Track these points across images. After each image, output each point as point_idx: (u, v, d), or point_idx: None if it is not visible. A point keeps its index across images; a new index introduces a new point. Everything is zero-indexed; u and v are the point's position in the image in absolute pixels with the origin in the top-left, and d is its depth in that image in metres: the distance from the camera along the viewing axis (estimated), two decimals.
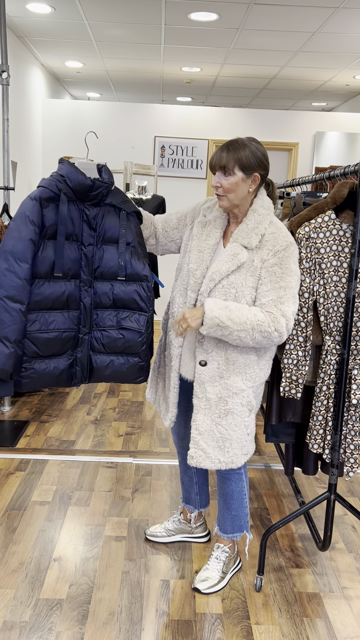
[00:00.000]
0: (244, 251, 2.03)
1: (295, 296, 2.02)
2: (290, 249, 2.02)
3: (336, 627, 2.12)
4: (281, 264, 2.00)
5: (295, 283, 2.02)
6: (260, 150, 2.05)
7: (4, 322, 1.99)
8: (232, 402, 2.08)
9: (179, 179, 7.55)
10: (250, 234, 2.04)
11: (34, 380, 2.13)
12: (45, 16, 5.28)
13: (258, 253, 2.02)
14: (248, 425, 2.14)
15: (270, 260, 2.01)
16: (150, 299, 2.15)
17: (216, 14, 4.98)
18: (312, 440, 2.22)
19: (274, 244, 2.01)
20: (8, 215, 3.87)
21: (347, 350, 2.12)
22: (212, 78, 7.40)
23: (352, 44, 5.65)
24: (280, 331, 1.97)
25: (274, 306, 1.98)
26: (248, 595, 2.27)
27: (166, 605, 2.18)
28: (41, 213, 2.00)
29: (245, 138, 2.07)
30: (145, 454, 3.42)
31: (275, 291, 1.99)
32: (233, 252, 2.04)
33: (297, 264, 2.05)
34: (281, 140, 7.58)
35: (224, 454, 2.13)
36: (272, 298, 1.99)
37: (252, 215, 2.07)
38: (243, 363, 2.07)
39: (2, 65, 4.02)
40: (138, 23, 5.35)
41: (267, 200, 2.11)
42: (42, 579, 2.30)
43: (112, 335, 2.17)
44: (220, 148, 2.05)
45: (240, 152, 2.01)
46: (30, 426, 3.77)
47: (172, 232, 2.30)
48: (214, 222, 2.17)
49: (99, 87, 8.55)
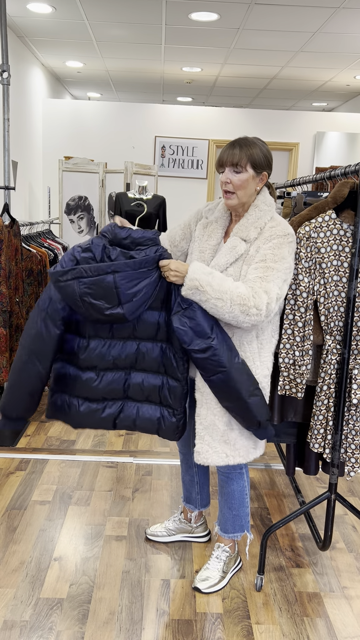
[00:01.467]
0: (242, 243, 2.05)
1: (283, 282, 1.99)
2: (287, 239, 2.01)
3: (336, 626, 2.12)
4: (274, 249, 1.99)
5: (284, 269, 1.99)
6: (267, 150, 2.08)
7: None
8: None
9: (179, 179, 7.56)
10: (249, 227, 2.06)
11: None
12: (45, 16, 5.28)
13: (255, 243, 2.04)
14: None
15: (264, 246, 2.01)
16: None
17: (217, 14, 4.98)
18: (313, 440, 2.22)
19: (270, 234, 2.02)
20: (9, 215, 3.87)
21: (348, 350, 2.12)
22: (213, 78, 7.40)
23: (352, 44, 5.66)
24: (260, 308, 1.92)
25: (259, 282, 1.95)
26: (248, 594, 2.27)
27: (166, 604, 2.19)
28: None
29: (253, 137, 2.08)
30: (146, 454, 3.43)
31: (262, 269, 1.97)
32: (232, 245, 2.06)
33: (291, 255, 2.02)
34: (282, 140, 7.58)
35: (230, 448, 2.11)
36: (259, 275, 1.97)
37: (253, 211, 2.08)
38: (244, 357, 2.07)
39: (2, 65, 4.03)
40: (138, 23, 5.36)
41: (269, 198, 2.11)
42: (43, 579, 2.30)
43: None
44: (230, 145, 2.05)
45: (251, 149, 2.02)
46: (31, 426, 3.77)
47: (180, 243, 2.29)
48: (215, 223, 2.17)
49: (99, 87, 8.55)
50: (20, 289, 3.84)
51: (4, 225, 3.64)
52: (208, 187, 7.56)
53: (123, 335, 2.12)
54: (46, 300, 2.05)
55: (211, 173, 7.55)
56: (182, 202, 7.58)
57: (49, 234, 5.00)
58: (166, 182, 7.49)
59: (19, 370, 2.12)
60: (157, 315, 2.08)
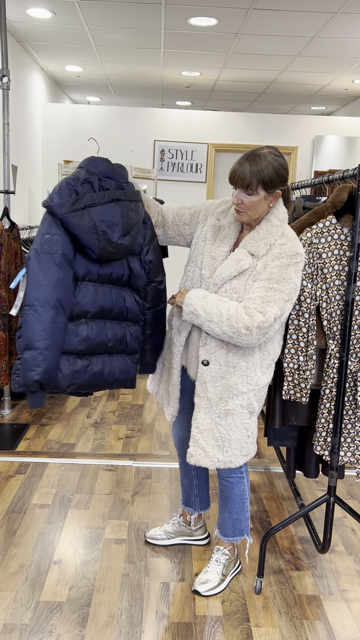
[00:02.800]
0: (248, 257, 2.02)
1: (285, 302, 1.97)
2: (295, 258, 1.99)
3: (336, 629, 2.12)
4: (281, 269, 1.98)
5: (288, 290, 1.97)
6: (280, 163, 1.99)
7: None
8: (232, 403, 2.09)
9: (178, 182, 7.57)
10: (259, 242, 2.02)
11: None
12: (45, 21, 5.30)
13: (263, 259, 2.01)
14: (248, 427, 2.14)
15: (271, 264, 1.99)
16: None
17: (215, 19, 5.00)
18: (316, 442, 2.23)
19: (280, 252, 1.99)
20: (8, 219, 3.88)
21: (346, 354, 2.13)
22: (212, 82, 7.42)
23: (350, 48, 5.68)
24: (250, 329, 1.92)
25: (258, 303, 1.95)
26: (248, 597, 2.27)
27: (166, 607, 2.19)
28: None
29: (266, 149, 1.99)
30: (145, 457, 3.43)
31: (264, 290, 1.97)
32: (238, 257, 2.04)
33: (297, 275, 2.00)
34: (280, 144, 7.60)
35: (223, 453, 2.13)
36: (260, 295, 1.97)
37: (264, 225, 2.04)
38: (245, 367, 2.07)
39: (2, 70, 4.04)
40: (138, 28, 5.38)
41: (282, 211, 2.07)
42: (42, 582, 2.30)
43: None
44: (243, 161, 1.97)
45: (262, 169, 1.94)
46: (30, 429, 3.77)
47: (183, 227, 2.26)
48: (227, 229, 2.14)
49: (99, 92, 8.58)
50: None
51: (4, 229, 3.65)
52: (207, 191, 7.58)
53: (104, 280, 2.02)
54: (54, 241, 1.86)
55: (210, 177, 7.57)
56: None
57: None
58: (165, 185, 7.51)
59: (50, 329, 1.87)
60: (127, 261, 2.10)
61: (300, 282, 2.06)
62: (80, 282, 1.98)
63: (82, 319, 2.00)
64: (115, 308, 2.07)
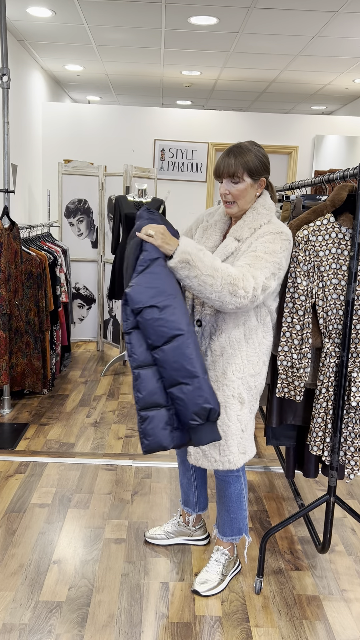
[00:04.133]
0: (234, 242, 2.08)
1: (271, 274, 1.96)
2: (280, 236, 2.01)
3: (335, 629, 2.12)
4: (266, 243, 1.99)
5: (273, 262, 1.97)
6: (263, 154, 2.08)
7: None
8: (222, 394, 2.10)
9: (178, 182, 7.57)
10: (244, 228, 2.08)
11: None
12: (45, 20, 5.30)
13: (247, 241, 2.06)
14: (241, 420, 2.14)
15: (255, 242, 2.02)
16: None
17: (216, 18, 5.00)
18: (312, 442, 2.22)
19: (264, 231, 2.04)
20: (8, 218, 3.88)
21: (347, 353, 2.13)
22: (212, 81, 7.42)
23: (351, 47, 5.67)
24: (247, 290, 1.90)
25: (246, 268, 1.95)
26: (247, 597, 2.27)
27: (165, 607, 2.18)
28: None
29: (247, 142, 2.09)
30: (145, 457, 3.43)
31: (252, 258, 1.97)
32: (225, 244, 2.09)
33: (284, 252, 2.00)
34: (281, 143, 7.59)
35: (220, 453, 2.13)
36: (247, 262, 1.97)
37: (250, 213, 2.10)
38: (231, 354, 2.09)
39: (2, 69, 4.04)
40: (138, 27, 5.37)
41: (269, 202, 2.13)
42: (42, 582, 2.30)
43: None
44: (225, 155, 2.05)
45: (246, 157, 2.03)
46: (30, 429, 3.77)
47: None
48: (214, 226, 2.21)
49: (99, 91, 8.57)
50: (19, 292, 3.84)
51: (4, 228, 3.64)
52: (207, 190, 7.57)
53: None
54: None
55: (210, 176, 7.56)
56: (182, 205, 7.59)
57: (48, 236, 5.01)
58: (165, 185, 7.50)
59: (197, 356, 1.92)
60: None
61: (286, 264, 2.03)
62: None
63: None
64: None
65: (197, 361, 1.88)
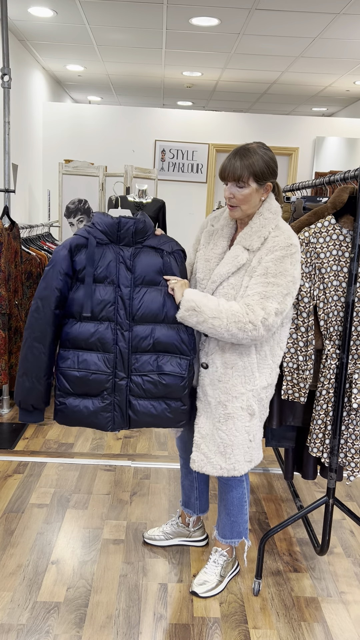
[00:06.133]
0: (244, 253, 2.02)
1: (285, 295, 1.96)
2: (289, 250, 1.97)
3: (334, 631, 2.12)
4: (276, 262, 1.96)
5: (286, 283, 1.96)
6: (270, 156, 2.01)
7: (27, 359, 2.10)
8: (231, 406, 2.07)
9: (179, 182, 7.57)
10: (252, 236, 2.02)
11: (65, 414, 2.16)
12: (47, 20, 5.30)
13: (257, 254, 2.01)
14: (250, 431, 2.11)
15: (266, 258, 1.98)
16: (192, 342, 2.11)
17: (217, 19, 5.00)
18: (312, 444, 2.22)
19: (273, 245, 1.98)
20: (8, 218, 3.88)
21: (346, 355, 2.13)
22: (213, 82, 7.42)
23: (352, 49, 5.68)
24: (255, 324, 1.91)
25: (257, 299, 1.94)
26: (246, 599, 2.26)
27: (164, 608, 2.18)
28: (70, 259, 2.06)
29: (254, 144, 2.02)
30: (144, 457, 3.42)
31: (262, 285, 1.95)
32: (234, 254, 2.04)
33: (295, 266, 1.98)
34: (281, 145, 7.60)
35: (225, 460, 2.11)
36: (258, 291, 1.95)
37: (257, 219, 2.04)
38: (242, 366, 2.06)
39: (3, 69, 4.04)
40: (139, 27, 5.38)
41: (275, 205, 2.07)
42: (40, 582, 2.29)
43: (153, 380, 2.11)
44: (231, 157, 1.99)
45: (253, 162, 1.96)
46: (29, 429, 3.77)
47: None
48: (221, 231, 2.15)
49: (100, 91, 8.57)
50: (19, 292, 3.84)
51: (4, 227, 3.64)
52: (208, 191, 7.57)
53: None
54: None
55: (211, 177, 7.57)
56: (182, 206, 7.59)
57: (48, 236, 5.01)
58: (166, 186, 7.51)
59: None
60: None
61: (298, 274, 2.02)
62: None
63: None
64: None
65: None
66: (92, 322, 2.09)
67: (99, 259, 2.07)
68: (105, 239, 2.07)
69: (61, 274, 2.04)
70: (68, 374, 2.12)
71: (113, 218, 2.07)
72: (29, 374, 2.11)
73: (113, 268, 2.07)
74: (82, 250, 2.07)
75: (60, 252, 2.06)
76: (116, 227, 2.06)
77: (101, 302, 2.07)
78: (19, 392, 2.16)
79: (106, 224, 2.06)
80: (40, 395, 2.14)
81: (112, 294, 2.08)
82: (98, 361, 2.10)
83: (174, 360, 2.10)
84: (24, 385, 2.13)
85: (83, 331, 2.09)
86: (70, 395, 2.14)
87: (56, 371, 2.14)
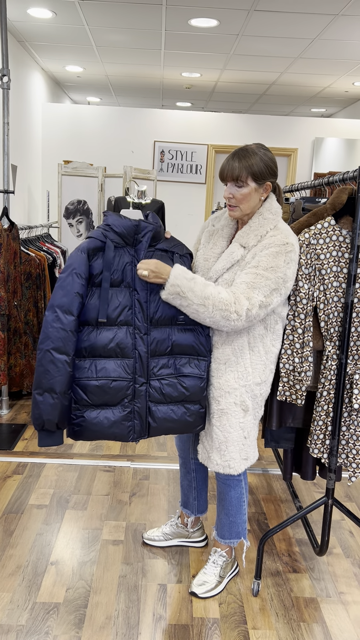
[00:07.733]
0: (240, 249, 2.04)
1: (272, 290, 1.95)
2: (285, 247, 1.98)
3: (333, 632, 2.12)
4: (269, 257, 1.97)
5: (276, 279, 1.95)
6: (270, 157, 2.03)
7: (50, 374, 1.96)
8: (224, 401, 2.09)
9: (178, 183, 7.58)
10: (249, 234, 2.04)
11: (84, 428, 2.06)
12: (46, 21, 5.30)
13: (252, 250, 2.03)
14: (244, 427, 2.13)
15: (260, 253, 1.99)
16: (209, 343, 2.10)
17: (216, 20, 5.00)
18: (313, 445, 2.22)
19: (270, 242, 2.00)
20: (8, 219, 3.88)
21: (345, 355, 2.13)
22: (212, 83, 7.43)
23: (351, 50, 5.69)
24: (240, 313, 1.92)
25: (243, 288, 1.94)
26: (245, 599, 2.27)
27: (163, 609, 2.18)
28: (88, 264, 1.98)
29: (254, 145, 2.04)
30: (143, 458, 3.42)
31: (252, 275, 1.95)
32: (230, 250, 2.07)
33: (288, 265, 1.98)
34: (280, 145, 7.60)
35: (221, 457, 2.14)
36: (246, 280, 1.95)
37: (256, 219, 2.06)
38: (235, 362, 2.08)
39: (2, 70, 4.04)
40: (138, 28, 5.38)
41: (275, 206, 2.08)
42: (39, 583, 2.29)
43: (172, 383, 2.07)
44: (230, 157, 2.02)
45: (251, 161, 1.98)
46: (28, 429, 3.77)
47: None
48: (221, 231, 2.17)
49: (99, 92, 8.58)
50: (18, 293, 3.84)
51: (3, 228, 3.64)
52: (207, 192, 7.58)
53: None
54: None
55: (210, 178, 7.57)
56: (181, 207, 7.59)
57: (47, 237, 5.01)
58: (165, 186, 7.51)
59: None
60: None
61: (292, 274, 2.01)
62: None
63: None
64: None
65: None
66: (110, 327, 2.02)
67: (116, 262, 2.01)
68: (121, 242, 2.02)
69: (81, 278, 1.95)
70: (86, 385, 2.02)
71: (131, 220, 2.01)
72: (52, 390, 1.97)
73: (129, 271, 2.02)
74: (99, 254, 2.00)
75: (78, 256, 1.97)
76: (134, 230, 2.01)
77: (119, 306, 2.01)
78: (41, 413, 1.99)
79: (124, 227, 2.00)
80: (66, 411, 2.02)
81: (129, 297, 2.02)
82: (118, 367, 2.03)
83: (192, 362, 2.10)
84: (48, 403, 1.98)
85: (101, 338, 2.00)
86: (88, 407, 2.04)
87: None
